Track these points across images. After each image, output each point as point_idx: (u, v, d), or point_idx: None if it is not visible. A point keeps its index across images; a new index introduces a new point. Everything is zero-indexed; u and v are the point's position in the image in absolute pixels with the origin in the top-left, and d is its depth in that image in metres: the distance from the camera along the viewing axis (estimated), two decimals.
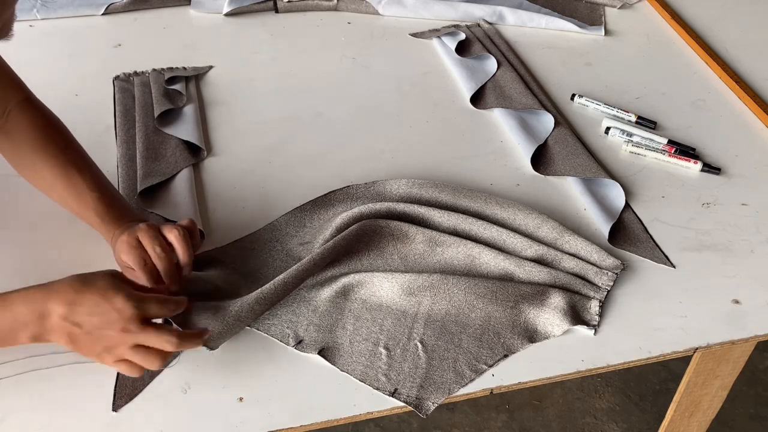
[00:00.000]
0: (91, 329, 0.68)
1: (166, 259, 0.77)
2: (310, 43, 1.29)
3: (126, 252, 0.78)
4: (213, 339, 0.75)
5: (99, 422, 0.72)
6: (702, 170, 1.04)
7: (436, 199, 0.95)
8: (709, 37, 1.31)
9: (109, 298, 0.68)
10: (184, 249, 0.78)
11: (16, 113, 0.85)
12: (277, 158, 1.04)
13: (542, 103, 1.13)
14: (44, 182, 0.86)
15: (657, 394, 1.69)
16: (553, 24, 1.34)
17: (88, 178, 0.85)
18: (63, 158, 0.85)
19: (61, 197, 0.86)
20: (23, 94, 0.87)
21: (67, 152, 0.86)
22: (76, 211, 0.85)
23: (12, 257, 0.88)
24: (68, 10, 1.32)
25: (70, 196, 0.85)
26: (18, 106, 0.86)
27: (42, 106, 0.89)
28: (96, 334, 0.68)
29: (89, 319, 0.68)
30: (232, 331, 0.76)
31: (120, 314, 0.68)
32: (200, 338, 0.73)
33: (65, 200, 0.86)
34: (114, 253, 0.82)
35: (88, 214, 0.84)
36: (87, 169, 0.86)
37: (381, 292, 0.83)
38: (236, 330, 0.77)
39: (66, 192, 0.85)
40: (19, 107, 0.86)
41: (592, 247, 0.88)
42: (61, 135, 0.88)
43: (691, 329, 0.83)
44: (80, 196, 0.84)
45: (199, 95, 1.15)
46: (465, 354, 0.79)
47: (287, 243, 0.91)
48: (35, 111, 0.87)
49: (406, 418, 1.62)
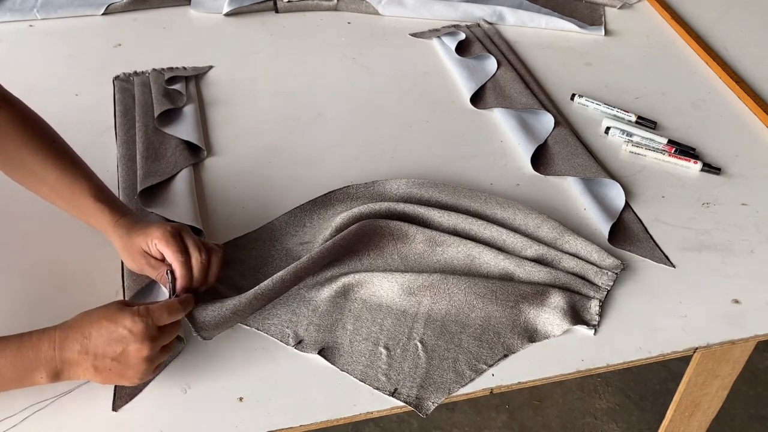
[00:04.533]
0: (115, 356, 0.68)
1: (204, 269, 0.78)
2: (310, 43, 1.29)
3: (167, 240, 0.77)
4: (207, 329, 0.76)
5: (99, 422, 0.72)
6: (702, 170, 1.04)
7: (436, 199, 0.95)
8: (709, 37, 1.31)
9: (118, 320, 0.68)
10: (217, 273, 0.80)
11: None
12: (277, 158, 1.04)
13: (542, 103, 1.13)
14: (34, 177, 0.82)
15: (657, 394, 1.69)
16: (553, 24, 1.34)
17: (81, 167, 0.83)
18: (52, 149, 0.82)
19: (53, 189, 0.82)
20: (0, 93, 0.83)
21: (55, 144, 0.84)
22: (70, 202, 0.82)
23: (13, 258, 0.88)
24: (68, 10, 1.32)
25: (63, 186, 0.82)
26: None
27: (21, 103, 0.85)
28: (123, 359, 0.68)
29: (108, 348, 0.68)
30: (227, 323, 0.77)
31: (132, 332, 0.68)
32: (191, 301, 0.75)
33: (58, 192, 0.82)
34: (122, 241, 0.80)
35: (85, 201, 0.81)
36: (78, 160, 0.84)
37: (381, 291, 0.83)
38: (232, 323, 0.77)
39: (59, 183, 0.81)
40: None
41: (592, 246, 0.88)
42: (46, 130, 0.85)
43: (691, 329, 0.83)
44: (75, 184, 0.81)
45: (199, 95, 1.15)
46: (465, 354, 0.79)
47: (287, 242, 0.91)
48: (15, 108, 0.83)
49: (406, 418, 1.62)
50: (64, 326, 0.69)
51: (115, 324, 0.68)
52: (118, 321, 0.68)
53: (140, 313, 0.69)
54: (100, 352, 0.68)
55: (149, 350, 0.69)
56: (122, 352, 0.68)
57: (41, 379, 0.68)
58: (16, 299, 0.83)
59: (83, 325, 0.68)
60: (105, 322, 0.68)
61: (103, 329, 0.68)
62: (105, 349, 0.68)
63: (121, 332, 0.68)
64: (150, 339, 0.68)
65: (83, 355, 0.68)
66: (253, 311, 0.79)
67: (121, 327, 0.68)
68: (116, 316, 0.68)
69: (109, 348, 0.68)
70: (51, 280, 0.85)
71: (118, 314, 0.68)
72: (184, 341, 0.78)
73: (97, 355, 0.68)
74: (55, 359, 0.67)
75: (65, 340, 0.68)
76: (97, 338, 0.68)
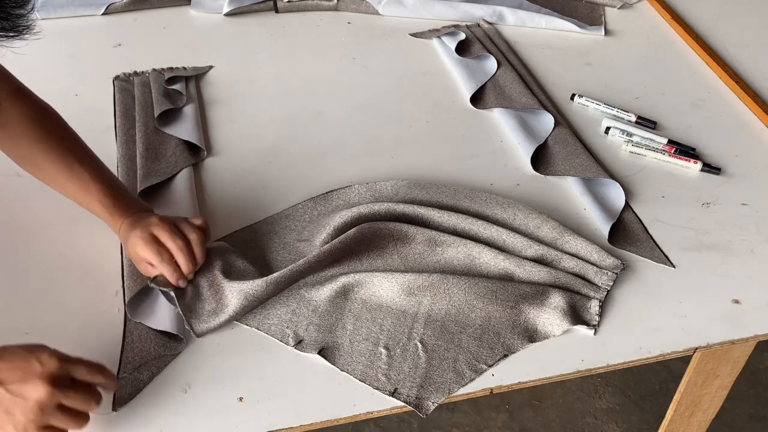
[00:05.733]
0: (11, 386, 0.62)
1: (187, 252, 0.79)
2: (310, 43, 1.29)
3: (143, 247, 0.78)
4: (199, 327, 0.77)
5: (99, 422, 0.72)
6: (702, 170, 1.04)
7: (436, 199, 0.95)
8: (709, 37, 1.31)
9: (35, 351, 0.64)
10: (202, 251, 0.81)
11: (7, 105, 0.84)
12: (277, 158, 1.04)
13: (542, 103, 1.13)
14: (45, 174, 0.86)
15: (657, 394, 1.69)
16: (552, 24, 1.34)
17: (89, 168, 0.85)
18: (62, 149, 0.84)
19: (64, 188, 0.86)
20: (13, 85, 0.86)
21: (64, 143, 0.85)
22: (80, 201, 0.85)
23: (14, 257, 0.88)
24: (68, 10, 1.32)
25: (72, 188, 0.85)
26: (8, 98, 0.84)
27: (34, 96, 0.87)
28: (16, 395, 0.62)
29: (10, 375, 0.62)
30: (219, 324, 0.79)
31: (44, 366, 0.63)
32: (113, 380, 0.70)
33: (68, 191, 0.86)
34: (125, 245, 0.83)
35: (93, 204, 0.84)
36: (87, 159, 0.86)
37: (381, 291, 0.83)
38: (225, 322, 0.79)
39: (68, 183, 0.84)
40: (10, 99, 0.84)
41: (592, 246, 0.88)
42: (57, 125, 0.87)
43: (691, 329, 0.83)
44: (83, 187, 0.84)
45: (199, 95, 1.15)
46: (465, 354, 0.79)
47: (285, 236, 0.91)
48: (27, 101, 0.86)
49: (406, 418, 1.62)
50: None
51: (30, 353, 0.64)
52: (35, 352, 0.64)
53: (60, 356, 0.64)
54: (2, 378, 0.62)
55: (47, 396, 0.62)
56: (19, 384, 0.62)
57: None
58: (16, 299, 0.83)
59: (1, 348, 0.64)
60: (21, 350, 0.64)
61: (15, 355, 0.63)
62: (7, 375, 0.62)
63: (31, 362, 0.63)
64: (55, 383, 0.63)
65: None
66: (245, 312, 0.80)
67: (35, 357, 0.63)
68: (36, 348, 0.64)
69: (9, 376, 0.62)
70: (51, 279, 0.85)
71: (38, 348, 0.65)
72: (184, 341, 0.78)
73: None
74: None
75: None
76: (6, 363, 0.63)
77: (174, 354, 0.78)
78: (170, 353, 0.77)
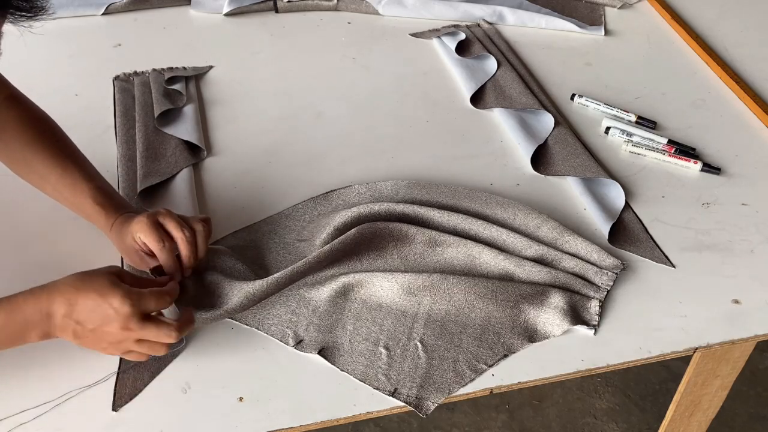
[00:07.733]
0: (94, 327, 0.69)
1: (192, 244, 0.79)
2: (310, 43, 1.29)
3: (145, 231, 0.77)
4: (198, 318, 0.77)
5: (99, 422, 0.72)
6: (702, 170, 1.04)
7: (436, 199, 0.95)
8: (709, 37, 1.31)
9: (107, 297, 0.68)
10: (206, 245, 0.81)
11: (2, 110, 0.84)
12: (277, 158, 1.04)
13: (542, 103, 1.13)
14: (37, 176, 0.85)
15: (657, 394, 1.69)
16: (552, 24, 1.34)
17: (83, 167, 0.85)
18: (55, 149, 0.85)
19: (56, 189, 0.85)
20: (7, 90, 0.86)
21: (59, 144, 0.86)
22: (72, 202, 0.85)
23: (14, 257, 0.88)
24: (68, 10, 1.32)
25: (65, 187, 0.84)
26: (4, 103, 0.85)
27: (29, 101, 0.88)
28: (99, 332, 0.69)
29: (90, 318, 0.69)
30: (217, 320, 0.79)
31: (118, 313, 0.68)
32: (192, 320, 0.75)
33: (60, 192, 0.85)
34: (118, 240, 0.82)
35: (85, 203, 0.83)
36: (80, 160, 0.86)
37: (381, 291, 0.83)
38: (221, 319, 0.79)
39: (60, 183, 0.84)
40: (5, 104, 0.85)
41: (592, 246, 0.88)
42: (51, 129, 0.87)
43: (691, 329, 0.83)
44: (76, 186, 0.84)
45: (199, 95, 1.15)
46: (465, 354, 0.79)
47: (285, 236, 0.91)
48: (22, 106, 0.86)
49: (406, 418, 1.62)
50: (53, 290, 0.70)
51: (103, 299, 0.68)
52: (107, 297, 0.68)
53: (131, 296, 0.69)
54: (82, 319, 0.69)
55: (125, 336, 0.69)
56: (100, 327, 0.69)
57: (32, 339, 0.70)
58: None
59: (71, 291, 0.69)
60: (93, 294, 0.69)
61: (89, 300, 0.69)
62: (87, 317, 0.69)
63: (106, 309, 0.68)
64: (131, 326, 0.69)
65: (67, 319, 0.69)
66: (243, 310, 0.80)
67: (107, 304, 0.68)
68: (107, 292, 0.69)
69: (89, 318, 0.69)
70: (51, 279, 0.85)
71: (109, 291, 0.69)
72: (184, 341, 0.78)
73: (79, 321, 0.69)
74: (43, 322, 0.69)
75: (52, 304, 0.69)
76: (83, 307, 0.69)
77: (174, 354, 0.78)
78: (170, 353, 0.77)
